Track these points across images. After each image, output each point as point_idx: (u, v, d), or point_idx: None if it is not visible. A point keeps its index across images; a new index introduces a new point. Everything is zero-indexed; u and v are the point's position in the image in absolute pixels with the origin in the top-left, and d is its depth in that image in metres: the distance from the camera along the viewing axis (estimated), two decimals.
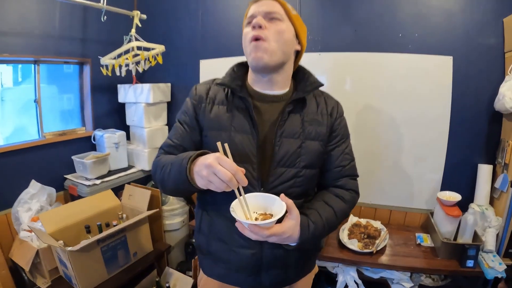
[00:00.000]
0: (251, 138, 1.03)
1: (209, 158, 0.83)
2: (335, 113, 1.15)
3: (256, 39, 0.99)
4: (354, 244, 2.08)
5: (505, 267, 1.84)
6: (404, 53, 2.29)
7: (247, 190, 0.93)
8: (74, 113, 2.84)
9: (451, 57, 2.21)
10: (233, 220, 0.86)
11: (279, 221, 0.89)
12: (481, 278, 1.88)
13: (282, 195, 0.90)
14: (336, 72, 2.48)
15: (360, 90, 2.43)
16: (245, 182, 0.83)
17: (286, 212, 0.90)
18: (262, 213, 0.92)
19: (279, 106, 1.08)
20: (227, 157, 0.84)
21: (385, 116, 2.39)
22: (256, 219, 0.89)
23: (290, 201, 0.90)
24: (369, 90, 2.41)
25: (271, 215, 0.89)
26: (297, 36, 1.08)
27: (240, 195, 0.87)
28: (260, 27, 0.98)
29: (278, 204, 0.90)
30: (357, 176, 1.20)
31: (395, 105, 2.36)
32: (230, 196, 0.88)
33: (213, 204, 1.11)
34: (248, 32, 1.02)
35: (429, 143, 2.33)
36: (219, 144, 0.86)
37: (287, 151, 1.04)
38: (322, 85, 1.14)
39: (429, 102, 2.29)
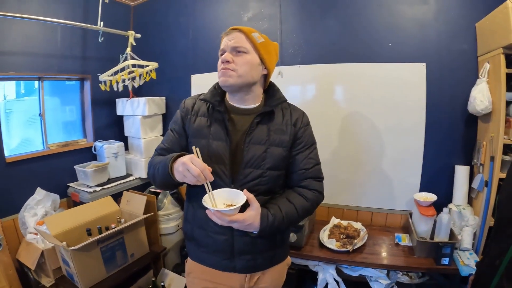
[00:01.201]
0: (225, 144, 1.25)
1: (185, 158, 1.08)
2: (299, 123, 1.33)
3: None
4: (332, 244, 2.24)
5: None
6: (378, 63, 2.46)
7: (220, 186, 1.20)
8: (76, 125, 3.09)
9: (424, 64, 2.36)
10: None
11: (243, 211, 1.13)
12: (458, 276, 1.97)
13: (245, 190, 1.14)
14: (316, 83, 2.66)
15: (339, 100, 2.61)
16: (210, 178, 1.08)
17: (249, 204, 1.13)
18: (229, 204, 1.15)
19: (250, 118, 1.29)
20: (199, 158, 1.10)
21: (364, 123, 2.55)
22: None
23: (251, 195, 1.14)
24: (348, 99, 2.58)
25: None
26: (262, 62, 1.28)
27: (209, 190, 1.11)
28: (228, 62, 1.21)
29: (241, 197, 1.12)
30: (322, 178, 1.36)
31: (373, 112, 2.52)
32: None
33: (196, 197, 1.30)
34: (219, 64, 1.25)
35: (407, 147, 2.47)
36: (193, 147, 1.13)
37: (253, 155, 1.24)
38: (285, 100, 1.36)
39: (405, 108, 2.44)
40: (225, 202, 1.16)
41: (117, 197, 2.73)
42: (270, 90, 1.38)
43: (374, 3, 2.45)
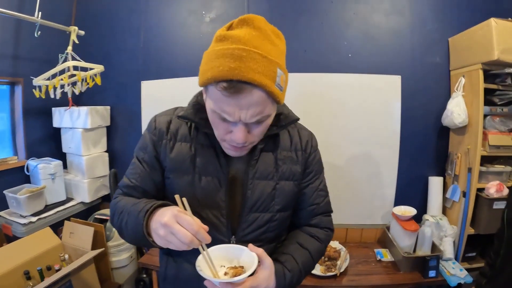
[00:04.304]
0: (218, 181, 0.98)
1: (166, 216, 0.78)
2: (309, 147, 1.11)
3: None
4: (316, 269, 2.16)
5: (466, 273, 2.09)
6: (353, 73, 2.50)
7: (217, 239, 0.94)
8: (4, 139, 2.65)
9: (399, 76, 2.47)
10: None
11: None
12: (445, 286, 2.09)
13: (250, 245, 0.88)
14: (286, 93, 2.58)
15: (310, 111, 2.57)
16: (208, 240, 0.79)
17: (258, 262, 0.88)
18: (232, 267, 0.87)
19: None
20: (186, 210, 0.82)
21: (336, 135, 2.56)
22: (225, 273, 0.85)
23: (261, 250, 0.88)
24: (320, 111, 2.56)
25: (242, 267, 0.86)
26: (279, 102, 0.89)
27: (204, 250, 0.84)
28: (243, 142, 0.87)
29: (247, 255, 0.88)
30: (331, 212, 1.17)
31: (346, 124, 2.54)
32: None
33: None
34: (220, 133, 0.89)
35: (381, 159, 2.55)
36: (177, 197, 0.82)
37: (261, 195, 0.99)
38: (297, 119, 1.08)
39: (380, 120, 2.52)
40: (223, 264, 0.88)
41: (57, 227, 2.41)
42: None
43: (350, 11, 2.49)
